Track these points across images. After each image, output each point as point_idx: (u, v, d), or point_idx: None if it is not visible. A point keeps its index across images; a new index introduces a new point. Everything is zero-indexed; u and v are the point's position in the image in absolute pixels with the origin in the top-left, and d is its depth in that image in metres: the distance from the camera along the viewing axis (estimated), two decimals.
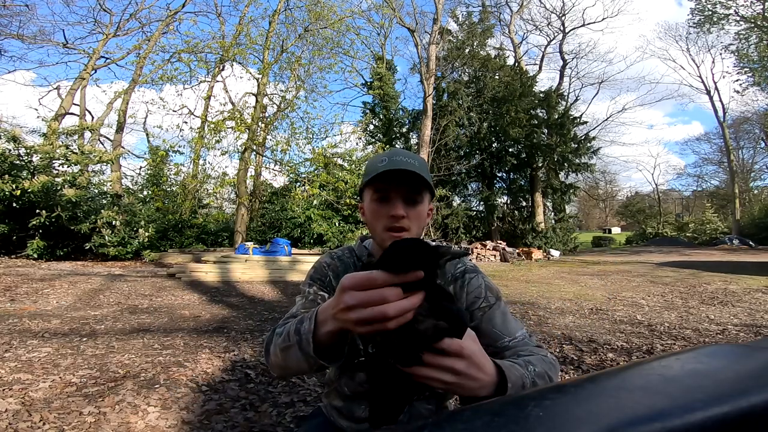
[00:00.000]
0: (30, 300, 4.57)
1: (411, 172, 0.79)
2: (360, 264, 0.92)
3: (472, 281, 0.88)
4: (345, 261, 0.95)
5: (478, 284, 0.88)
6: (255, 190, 16.26)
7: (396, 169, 0.78)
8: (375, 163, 0.83)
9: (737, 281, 6.88)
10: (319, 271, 0.93)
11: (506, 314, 0.87)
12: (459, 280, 0.88)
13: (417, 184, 0.81)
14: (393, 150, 0.84)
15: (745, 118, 27.35)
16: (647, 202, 37.33)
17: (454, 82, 17.27)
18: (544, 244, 16.14)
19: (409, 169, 0.78)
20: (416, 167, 0.80)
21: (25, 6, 14.17)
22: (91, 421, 1.82)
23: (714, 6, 20.88)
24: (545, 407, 0.45)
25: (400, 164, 0.79)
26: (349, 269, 0.92)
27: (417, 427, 0.60)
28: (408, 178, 0.79)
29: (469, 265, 0.92)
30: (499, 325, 0.84)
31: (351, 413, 0.89)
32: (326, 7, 13.13)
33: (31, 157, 8.87)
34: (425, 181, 0.81)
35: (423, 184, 0.81)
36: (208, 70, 13.84)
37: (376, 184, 0.83)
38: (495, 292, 0.88)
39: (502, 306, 0.87)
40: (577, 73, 22.36)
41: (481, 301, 0.86)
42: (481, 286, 0.88)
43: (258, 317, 4.18)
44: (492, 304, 0.86)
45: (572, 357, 2.95)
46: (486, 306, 0.85)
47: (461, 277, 0.89)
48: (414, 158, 0.83)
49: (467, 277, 0.88)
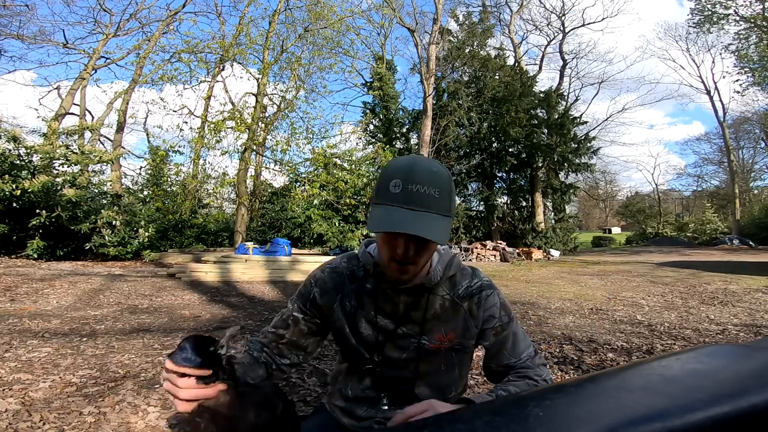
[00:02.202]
0: (30, 300, 4.57)
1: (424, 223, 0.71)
2: (361, 273, 0.89)
3: (489, 299, 0.87)
4: (341, 272, 0.90)
5: (494, 303, 0.88)
6: (255, 190, 16.27)
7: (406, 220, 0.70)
8: (388, 180, 0.73)
9: (737, 281, 6.88)
10: (306, 287, 0.91)
11: (517, 334, 0.89)
12: (475, 296, 0.87)
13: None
14: (411, 168, 0.73)
15: (745, 118, 27.37)
16: (647, 202, 37.33)
17: (454, 82, 17.27)
18: (544, 244, 16.14)
19: (421, 223, 0.70)
20: (435, 200, 0.72)
21: (25, 6, 14.18)
22: (91, 421, 1.82)
23: (714, 6, 20.88)
24: (545, 407, 0.45)
25: (414, 200, 0.71)
26: (345, 282, 0.89)
27: (417, 426, 0.60)
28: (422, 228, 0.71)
29: (485, 281, 0.89)
30: (509, 348, 0.87)
31: (353, 412, 0.91)
32: (326, 7, 13.12)
33: (31, 157, 8.87)
34: (443, 227, 0.73)
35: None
36: (208, 70, 13.85)
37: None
38: (508, 311, 0.89)
39: (513, 326, 0.89)
40: (577, 73, 22.39)
41: (495, 321, 0.87)
42: (497, 305, 0.88)
43: (258, 317, 4.18)
44: (505, 324, 0.88)
45: (572, 357, 2.95)
46: (499, 327, 0.87)
47: (478, 294, 0.87)
48: (435, 185, 0.72)
49: (484, 294, 0.87)
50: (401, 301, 0.85)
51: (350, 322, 0.88)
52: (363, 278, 0.88)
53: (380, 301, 0.86)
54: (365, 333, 0.87)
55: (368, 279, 0.88)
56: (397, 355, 0.87)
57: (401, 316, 0.86)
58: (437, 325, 0.86)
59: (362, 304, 0.87)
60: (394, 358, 0.87)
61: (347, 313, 0.88)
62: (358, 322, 0.87)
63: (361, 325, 0.87)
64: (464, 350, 0.89)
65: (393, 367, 0.87)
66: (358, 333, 0.88)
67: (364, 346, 0.87)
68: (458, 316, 0.86)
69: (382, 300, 0.86)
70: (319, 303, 0.89)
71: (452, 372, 0.90)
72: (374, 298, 0.86)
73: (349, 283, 0.89)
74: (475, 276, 0.89)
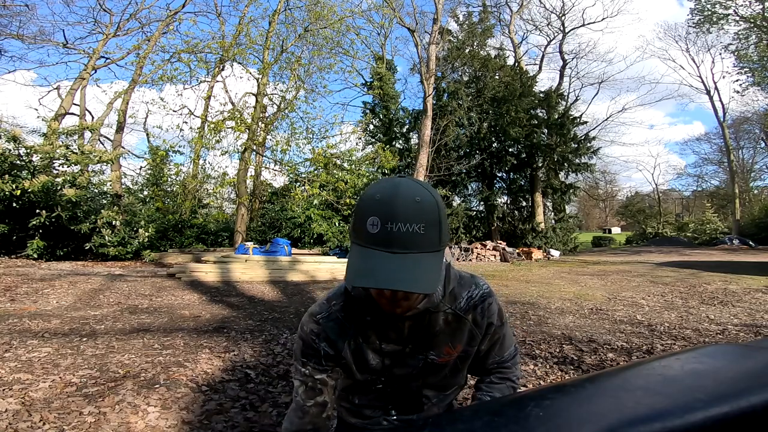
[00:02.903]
0: (30, 300, 4.57)
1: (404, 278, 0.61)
2: (357, 308, 0.83)
3: (491, 307, 0.88)
4: (336, 318, 0.83)
5: (495, 310, 0.89)
6: (255, 190, 16.26)
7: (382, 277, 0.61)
8: (364, 217, 0.63)
9: (737, 281, 6.87)
10: (310, 347, 0.84)
11: (506, 336, 0.93)
12: (479, 306, 0.86)
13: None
14: (389, 203, 0.62)
15: (745, 118, 27.34)
16: (647, 202, 37.31)
17: (454, 82, 17.27)
18: (544, 244, 16.15)
19: (399, 288, 0.61)
20: (420, 237, 0.62)
21: (25, 6, 14.17)
22: (91, 421, 1.82)
23: (713, 6, 20.87)
24: (545, 407, 0.45)
25: (395, 240, 0.61)
26: (345, 326, 0.83)
27: (417, 426, 0.60)
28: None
29: (485, 290, 0.87)
30: (497, 350, 0.92)
31: (360, 413, 0.92)
32: (326, 7, 13.11)
33: (31, 157, 8.87)
34: (430, 271, 0.64)
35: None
36: (208, 70, 13.84)
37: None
38: (502, 315, 0.91)
39: (504, 329, 0.92)
40: (577, 73, 22.34)
41: (493, 327, 0.89)
42: (496, 312, 0.89)
43: (258, 317, 4.18)
44: (498, 329, 0.90)
45: (572, 357, 2.95)
46: (494, 331, 0.90)
47: (481, 303, 0.87)
48: (418, 218, 0.62)
49: (486, 303, 0.87)
50: (405, 326, 0.83)
51: (356, 358, 0.85)
52: (360, 313, 0.83)
53: (384, 330, 0.83)
54: (373, 362, 0.85)
55: (367, 311, 0.82)
56: (405, 371, 0.87)
57: (407, 338, 0.84)
58: (444, 340, 0.85)
59: (366, 337, 0.84)
60: (401, 374, 0.87)
61: (353, 351, 0.85)
62: (365, 354, 0.85)
63: (369, 356, 0.85)
64: (468, 356, 0.90)
65: (400, 382, 0.88)
66: (365, 364, 0.85)
67: (372, 372, 0.86)
68: (464, 329, 0.86)
69: (385, 328, 0.83)
70: (331, 354, 0.84)
71: (457, 375, 0.92)
72: (377, 328, 0.83)
73: (349, 325, 0.83)
74: (475, 285, 0.87)
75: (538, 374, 2.64)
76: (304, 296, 5.67)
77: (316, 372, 0.84)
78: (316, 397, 0.84)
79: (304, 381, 0.84)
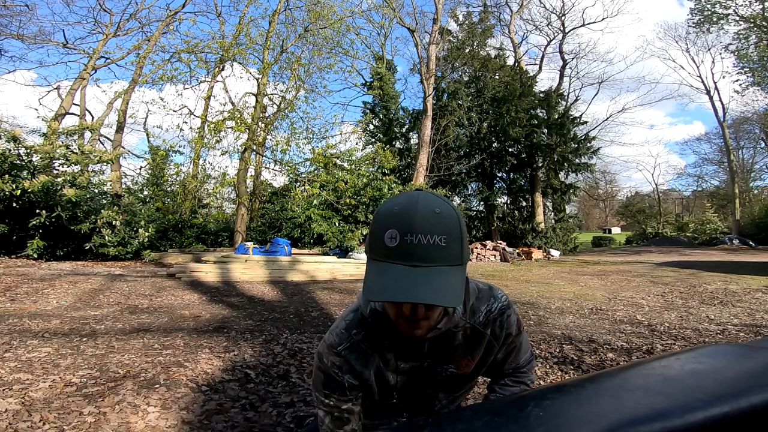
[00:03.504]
0: (30, 300, 4.57)
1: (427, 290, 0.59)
2: (376, 333, 0.80)
3: (510, 319, 0.87)
4: (358, 347, 0.80)
5: (513, 321, 0.88)
6: (255, 190, 16.27)
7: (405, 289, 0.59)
8: (382, 230, 0.61)
9: (737, 281, 6.87)
10: (333, 380, 0.81)
11: (522, 344, 0.92)
12: (498, 320, 0.85)
13: None
14: (408, 215, 0.60)
15: (745, 118, 27.35)
16: (647, 202, 37.32)
17: (454, 82, 17.28)
18: (544, 244, 16.15)
19: (421, 301, 0.58)
20: (442, 250, 0.60)
21: (25, 6, 14.18)
22: (91, 421, 1.81)
23: (713, 6, 20.87)
24: (545, 407, 0.45)
25: (416, 254, 0.59)
26: (367, 353, 0.80)
27: (417, 426, 0.60)
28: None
29: (504, 303, 0.86)
30: (513, 357, 0.92)
31: (372, 414, 0.93)
32: (326, 7, 13.12)
33: (31, 157, 8.87)
34: (454, 285, 0.62)
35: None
36: (208, 70, 13.85)
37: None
38: (520, 325, 0.91)
39: (521, 337, 0.92)
40: (577, 73, 22.37)
41: (511, 337, 0.89)
42: (515, 324, 0.88)
43: (258, 317, 4.18)
44: (516, 338, 0.90)
45: (572, 357, 2.95)
46: (512, 341, 0.90)
47: (500, 316, 0.86)
48: (440, 230, 0.60)
49: (505, 315, 0.86)
50: (425, 345, 0.81)
51: (377, 380, 0.84)
52: (380, 336, 0.80)
53: (404, 351, 0.82)
54: (392, 381, 0.84)
55: (385, 335, 0.80)
56: (422, 384, 0.87)
57: (425, 355, 0.83)
58: (462, 353, 0.85)
59: (386, 360, 0.82)
60: (418, 387, 0.87)
61: (375, 374, 0.84)
62: (385, 376, 0.84)
63: (389, 377, 0.84)
64: (485, 364, 0.90)
65: (416, 393, 0.88)
66: (385, 385, 0.84)
67: (390, 390, 0.86)
68: (482, 342, 0.86)
69: (405, 349, 0.82)
70: (356, 384, 0.82)
71: (471, 380, 0.94)
72: (397, 350, 0.82)
73: (372, 352, 0.81)
74: (494, 298, 0.85)
75: (538, 374, 2.64)
76: (304, 296, 5.66)
77: (342, 403, 0.82)
78: (344, 426, 0.82)
79: (329, 412, 0.82)
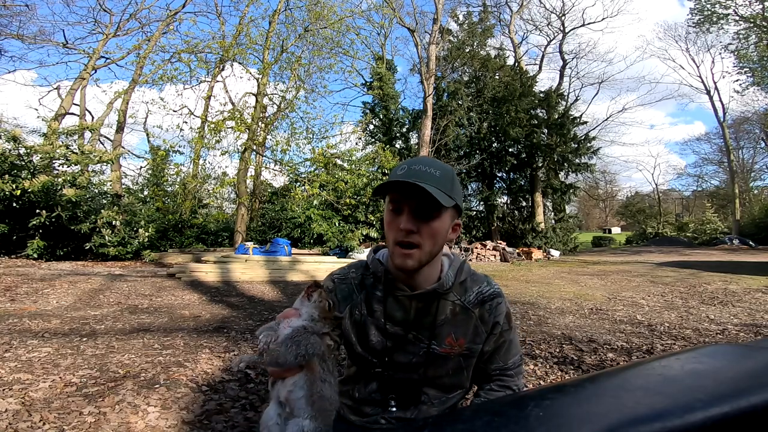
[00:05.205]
0: (30, 300, 4.57)
1: (422, 188, 0.74)
2: (371, 280, 0.89)
3: (499, 307, 0.90)
4: (349, 282, 0.91)
5: (502, 311, 0.91)
6: (255, 190, 16.27)
7: (407, 181, 0.75)
8: (396, 169, 0.81)
9: (737, 281, 6.87)
10: None
11: (512, 342, 0.93)
12: (487, 303, 0.89)
13: (430, 197, 0.75)
14: (416, 158, 0.82)
15: (745, 118, 27.34)
16: (647, 202, 37.31)
17: (454, 82, 17.27)
18: (544, 244, 16.15)
19: (419, 184, 0.74)
20: (436, 178, 0.77)
21: (25, 6, 14.17)
22: (91, 421, 1.81)
23: (713, 6, 20.87)
24: (545, 407, 0.45)
25: (415, 175, 0.76)
26: (354, 291, 0.90)
27: (417, 426, 0.60)
28: (420, 190, 0.75)
29: (496, 289, 0.92)
30: (502, 354, 0.92)
31: (360, 410, 0.92)
32: (326, 7, 13.11)
33: (31, 157, 8.87)
34: (441, 195, 0.76)
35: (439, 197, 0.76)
36: (208, 70, 13.84)
37: (391, 194, 0.81)
38: (510, 320, 0.92)
39: (511, 334, 0.92)
40: (577, 73, 22.38)
41: (499, 327, 0.90)
42: (504, 313, 0.91)
43: (258, 317, 4.18)
44: (505, 332, 0.91)
45: (572, 357, 2.95)
46: (500, 333, 0.90)
47: (490, 300, 0.90)
48: (436, 167, 0.79)
49: (495, 302, 0.90)
50: (412, 307, 0.86)
51: (358, 331, 0.88)
52: (373, 285, 0.89)
53: (391, 308, 0.86)
54: (374, 340, 0.87)
55: (378, 286, 0.88)
56: (406, 359, 0.87)
57: (411, 322, 0.86)
58: (447, 330, 0.86)
59: (372, 311, 0.88)
60: (402, 362, 0.87)
61: (356, 321, 0.88)
62: (368, 329, 0.88)
63: (371, 332, 0.87)
64: (472, 355, 0.90)
65: (401, 370, 0.88)
66: (366, 340, 0.88)
67: (372, 352, 0.88)
68: (469, 322, 0.88)
69: (392, 307, 0.86)
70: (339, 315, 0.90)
71: (460, 375, 0.92)
72: (384, 305, 0.86)
73: (358, 292, 0.89)
74: (487, 283, 0.91)
75: (538, 374, 2.64)
76: None
77: None
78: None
79: None
